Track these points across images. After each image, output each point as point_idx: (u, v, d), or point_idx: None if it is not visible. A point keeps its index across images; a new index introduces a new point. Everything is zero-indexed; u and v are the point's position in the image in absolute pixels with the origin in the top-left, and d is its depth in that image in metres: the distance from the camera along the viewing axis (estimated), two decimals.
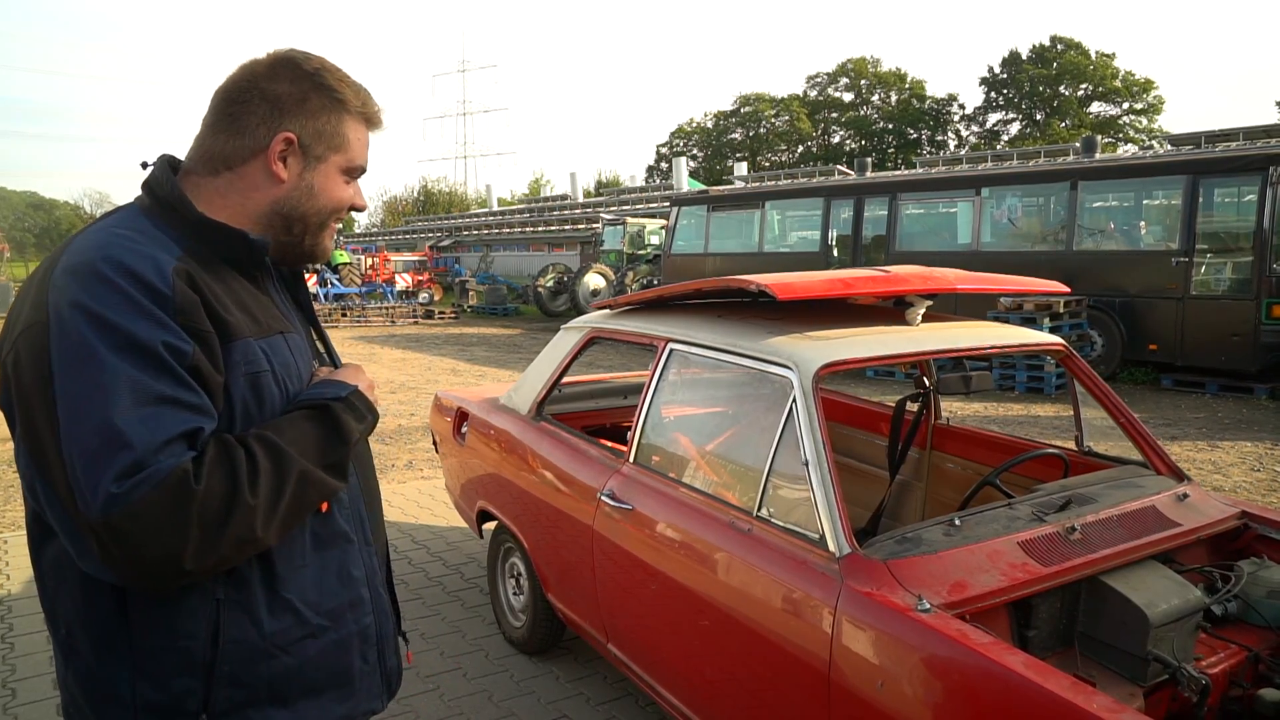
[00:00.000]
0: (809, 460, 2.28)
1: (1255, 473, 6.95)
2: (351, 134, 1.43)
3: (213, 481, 1.15)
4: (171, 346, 1.17)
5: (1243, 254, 10.42)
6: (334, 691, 1.40)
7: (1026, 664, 1.75)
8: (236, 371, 1.26)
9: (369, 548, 1.48)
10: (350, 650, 1.42)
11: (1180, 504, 2.61)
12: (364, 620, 1.45)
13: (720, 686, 2.48)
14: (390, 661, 1.54)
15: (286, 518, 1.24)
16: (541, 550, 3.47)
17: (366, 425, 1.41)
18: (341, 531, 1.42)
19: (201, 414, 1.19)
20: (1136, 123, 50.76)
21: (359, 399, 1.40)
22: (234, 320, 1.27)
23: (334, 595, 1.39)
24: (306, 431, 1.30)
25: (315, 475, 1.28)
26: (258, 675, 1.29)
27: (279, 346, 1.36)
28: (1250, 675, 2.33)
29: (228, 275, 1.34)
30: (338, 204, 1.45)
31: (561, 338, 3.69)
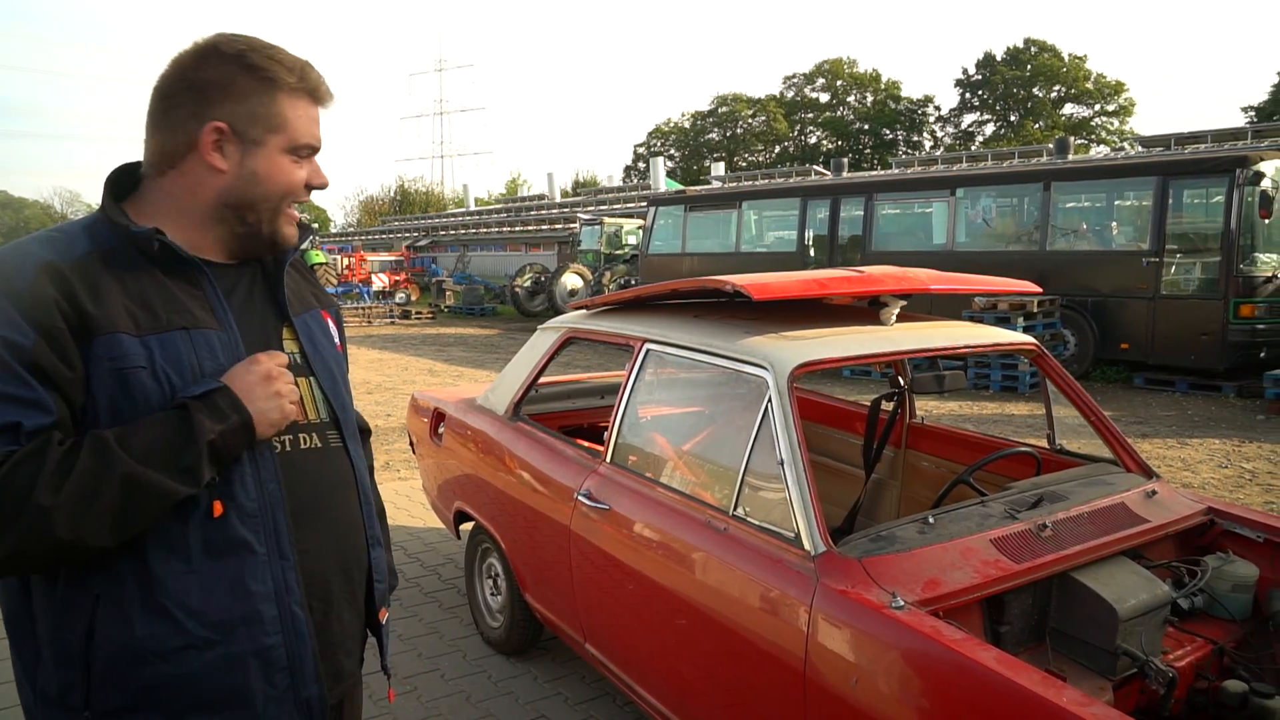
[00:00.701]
0: (784, 459, 2.30)
1: (1223, 469, 7.06)
2: (290, 112, 1.37)
3: (13, 476, 1.15)
4: (9, 342, 1.18)
5: (1211, 254, 10.57)
6: (231, 712, 1.33)
7: (998, 659, 1.77)
8: (99, 366, 1.24)
9: (285, 561, 1.36)
10: (245, 670, 1.33)
11: (1149, 501, 2.65)
12: (264, 640, 1.34)
13: (697, 685, 2.50)
14: (309, 690, 1.40)
15: (113, 520, 1.20)
16: (519, 550, 3.47)
17: (228, 425, 1.27)
18: (240, 540, 1.32)
19: (27, 407, 1.18)
20: (1108, 124, 51.31)
21: (224, 397, 1.29)
22: (103, 315, 1.24)
23: (223, 607, 1.30)
24: (155, 433, 1.24)
25: (147, 478, 1.21)
26: (134, 679, 1.27)
27: (173, 342, 1.29)
28: (1215, 668, 2.38)
29: (143, 271, 1.31)
30: (289, 187, 1.40)
31: (538, 338, 3.69)
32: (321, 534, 1.44)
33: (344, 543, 1.50)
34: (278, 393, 1.34)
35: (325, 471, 1.48)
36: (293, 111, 1.38)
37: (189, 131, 1.33)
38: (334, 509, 1.48)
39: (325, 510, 1.45)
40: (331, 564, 1.46)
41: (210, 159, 1.34)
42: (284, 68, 1.37)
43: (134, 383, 1.26)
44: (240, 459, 1.33)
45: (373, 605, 1.58)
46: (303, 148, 1.40)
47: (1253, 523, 2.65)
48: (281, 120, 1.37)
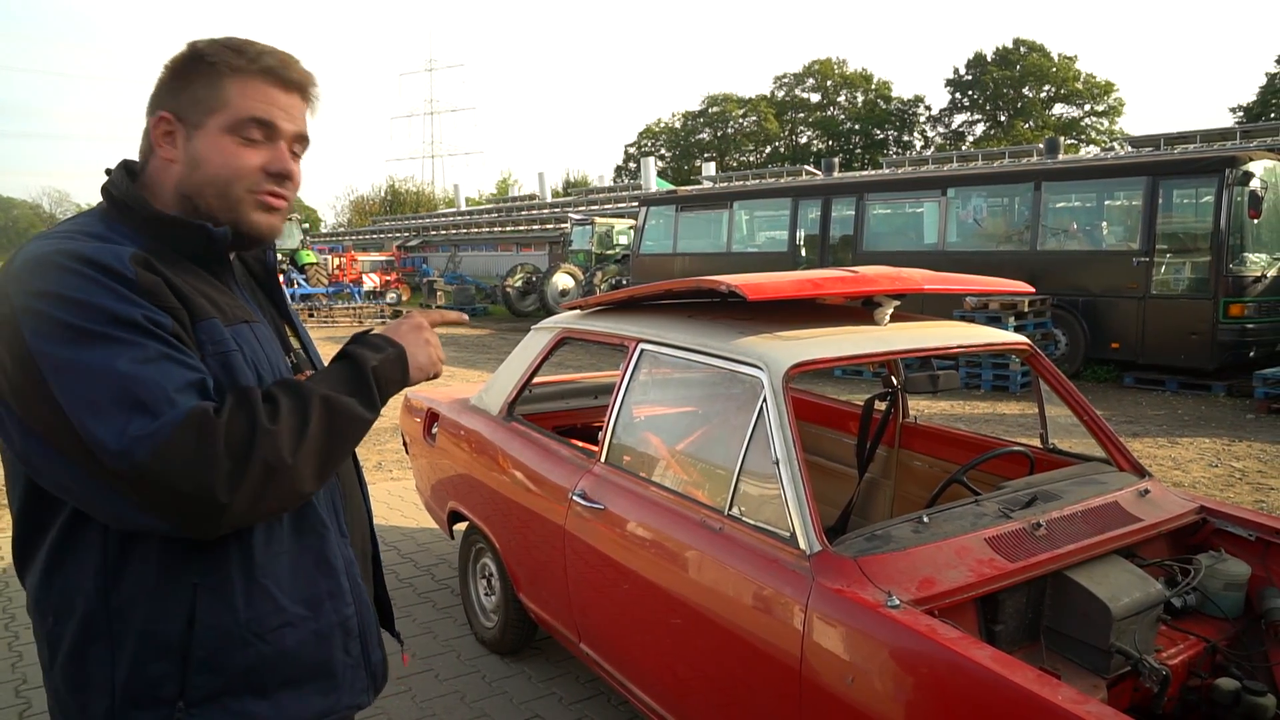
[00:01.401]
0: (779, 459, 2.31)
1: (1213, 468, 7.10)
2: (234, 91, 1.33)
3: (235, 414, 1.17)
4: (152, 319, 1.18)
5: (1201, 254, 10.62)
6: (316, 684, 1.38)
7: (994, 658, 1.78)
8: (204, 350, 1.25)
9: (344, 539, 1.46)
10: (332, 642, 1.40)
11: (1141, 499, 2.67)
12: (345, 611, 1.42)
13: (692, 684, 2.50)
14: (375, 655, 1.51)
15: (320, 444, 1.24)
16: (513, 550, 3.47)
17: (386, 355, 1.36)
18: (319, 519, 1.40)
19: (202, 371, 1.20)
20: (1098, 124, 51.55)
21: (378, 336, 1.40)
22: (199, 302, 1.27)
23: (312, 583, 1.37)
24: (327, 372, 1.33)
25: (340, 401, 1.27)
26: (234, 662, 1.28)
27: (245, 334, 1.34)
28: (1208, 665, 2.39)
29: (188, 269, 1.33)
30: (235, 170, 1.34)
31: (532, 338, 3.69)
32: (354, 516, 1.55)
33: (362, 523, 1.60)
34: (427, 340, 1.44)
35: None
36: (238, 91, 1.33)
37: (148, 126, 1.35)
38: (354, 492, 1.58)
39: (351, 493, 1.56)
40: (359, 541, 1.57)
41: (161, 149, 1.34)
42: (233, 51, 1.33)
43: (236, 366, 1.28)
44: None
45: (381, 578, 1.70)
46: (246, 123, 1.33)
47: (1245, 521, 2.66)
48: (222, 100, 1.32)
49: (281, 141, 1.37)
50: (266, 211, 1.38)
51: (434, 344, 1.45)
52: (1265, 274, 10.52)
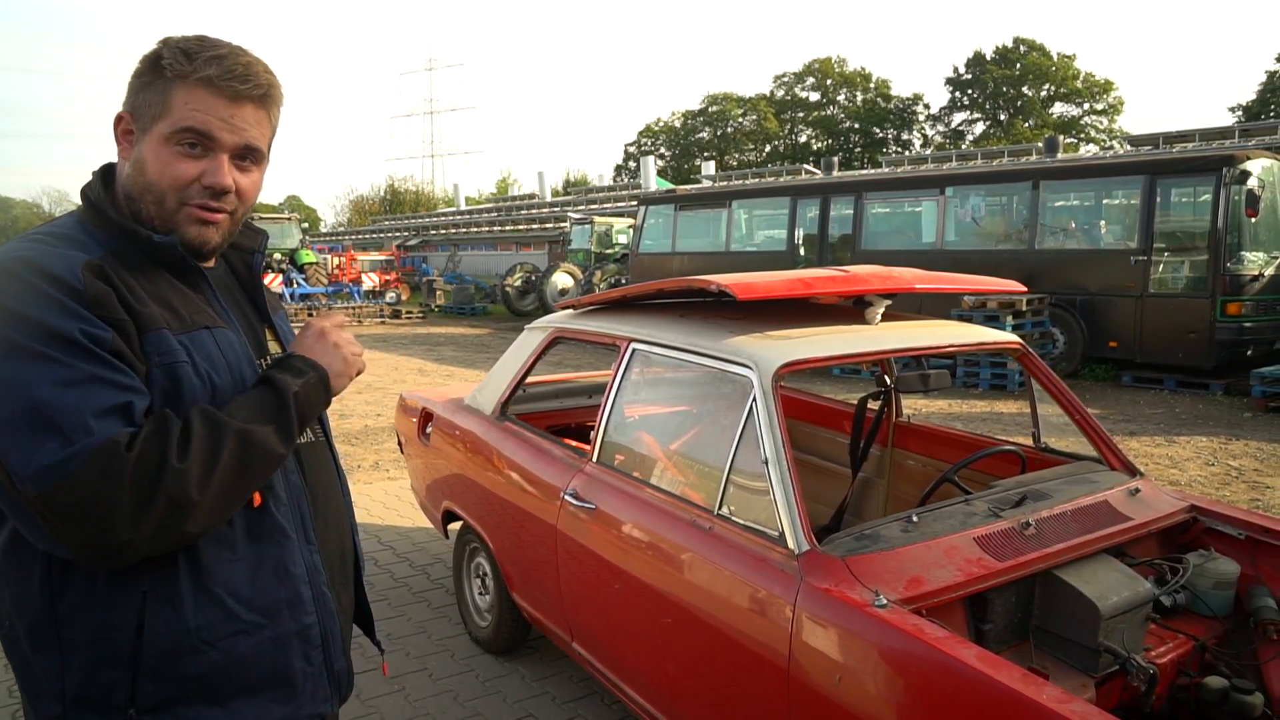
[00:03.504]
0: (768, 458, 2.31)
1: (1210, 467, 7.10)
2: (177, 99, 1.31)
3: (145, 449, 1.16)
4: (90, 334, 1.19)
5: (1199, 253, 10.63)
6: (274, 692, 1.38)
7: (979, 657, 1.78)
8: (151, 361, 1.26)
9: (310, 546, 1.44)
10: (289, 650, 1.39)
11: (1132, 498, 2.67)
12: (304, 619, 1.41)
13: (683, 683, 2.50)
14: (339, 664, 1.50)
15: (231, 481, 1.24)
16: (506, 550, 3.47)
17: (307, 380, 1.36)
18: (279, 527, 1.39)
19: (131, 391, 1.20)
20: (1097, 123, 51.56)
21: (297, 359, 1.39)
22: (147, 312, 1.27)
23: (269, 591, 1.36)
24: (248, 399, 1.31)
25: (257, 434, 1.27)
26: (185, 670, 1.28)
27: (202, 340, 1.33)
28: (1197, 664, 2.40)
29: (153, 272, 1.33)
30: (170, 179, 1.32)
31: (525, 338, 3.69)
32: (327, 521, 1.53)
33: (339, 529, 1.59)
34: (335, 344, 1.44)
35: (322, 463, 1.56)
36: (180, 98, 1.31)
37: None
38: (332, 498, 1.57)
39: (327, 499, 1.54)
40: (334, 549, 1.55)
41: (120, 148, 1.36)
42: (184, 55, 1.31)
43: (183, 377, 1.28)
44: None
45: (361, 586, 1.68)
46: (183, 133, 1.31)
47: (1235, 520, 2.67)
48: (166, 107, 1.31)
49: (222, 154, 1.35)
50: (199, 225, 1.36)
51: (343, 343, 1.45)
52: (1263, 273, 10.53)
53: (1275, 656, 2.42)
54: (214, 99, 1.32)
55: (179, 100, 1.31)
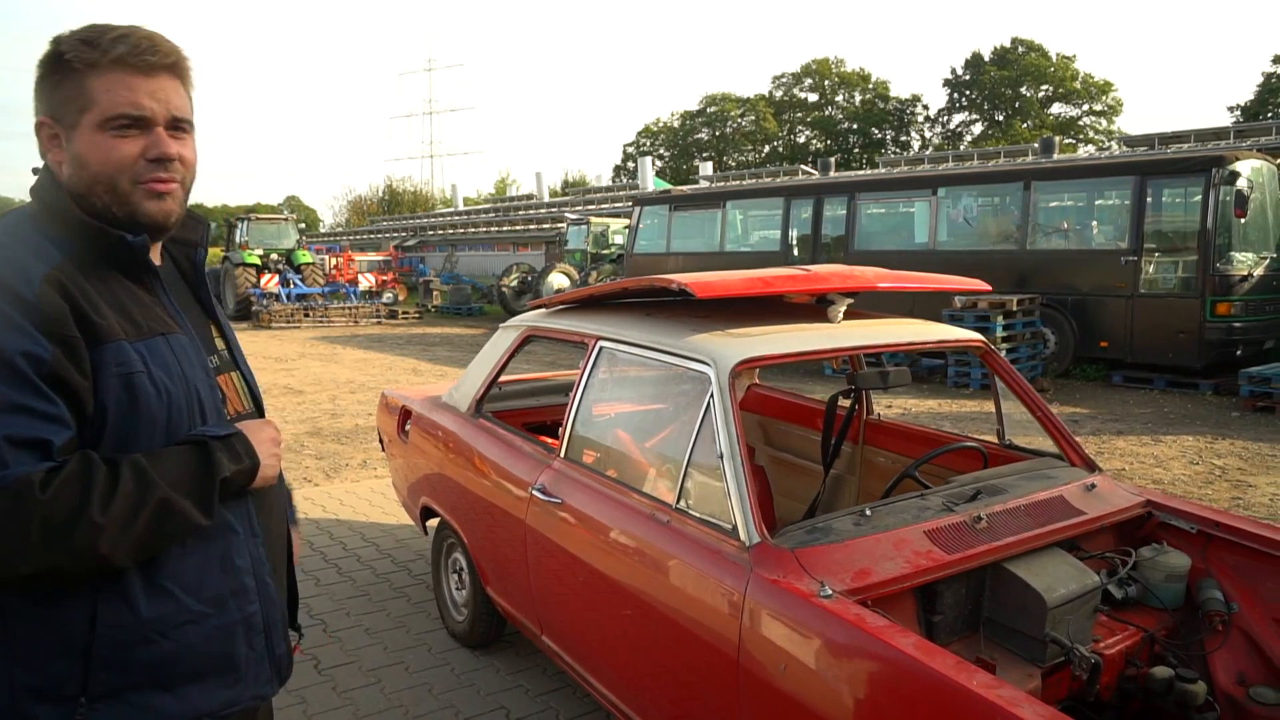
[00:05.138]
0: (723, 453, 2.35)
1: (1194, 466, 7.14)
2: (97, 87, 1.34)
3: (62, 493, 1.20)
4: (30, 355, 1.21)
5: (1188, 253, 10.66)
6: (220, 677, 1.44)
7: (917, 646, 1.82)
8: (107, 372, 1.29)
9: (255, 539, 1.51)
10: (235, 637, 1.46)
11: (1087, 493, 2.71)
12: (248, 608, 1.48)
13: (644, 674, 2.55)
14: (279, 648, 1.57)
15: (142, 541, 1.28)
16: (480, 545, 3.52)
17: (242, 467, 1.42)
18: (226, 523, 1.44)
19: (53, 423, 1.23)
20: (1096, 124, 51.60)
21: (240, 442, 1.43)
22: (106, 324, 1.30)
23: (216, 583, 1.43)
24: (180, 463, 1.34)
25: (178, 504, 1.31)
26: (137, 659, 1.33)
27: (158, 348, 1.37)
28: (1146, 655, 2.44)
29: (110, 277, 1.37)
30: (116, 163, 1.36)
31: (499, 336, 3.74)
32: (271, 511, 1.60)
33: (278, 518, 1.66)
34: (276, 455, 1.51)
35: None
36: (100, 86, 1.34)
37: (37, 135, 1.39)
38: (272, 490, 1.62)
39: (269, 492, 1.59)
40: (276, 536, 1.62)
41: (51, 154, 1.38)
42: (88, 46, 1.34)
43: (139, 387, 1.33)
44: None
45: (291, 570, 1.76)
46: (118, 119, 1.35)
47: (1187, 514, 2.71)
48: (88, 98, 1.34)
49: (157, 127, 1.38)
50: (157, 199, 1.40)
51: (280, 457, 1.53)
52: (1252, 273, 10.57)
53: (1220, 647, 2.47)
54: (131, 77, 1.36)
55: (98, 88, 1.34)
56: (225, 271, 23.05)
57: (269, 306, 20.64)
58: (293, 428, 8.65)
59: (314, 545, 5.16)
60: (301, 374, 12.54)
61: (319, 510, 5.87)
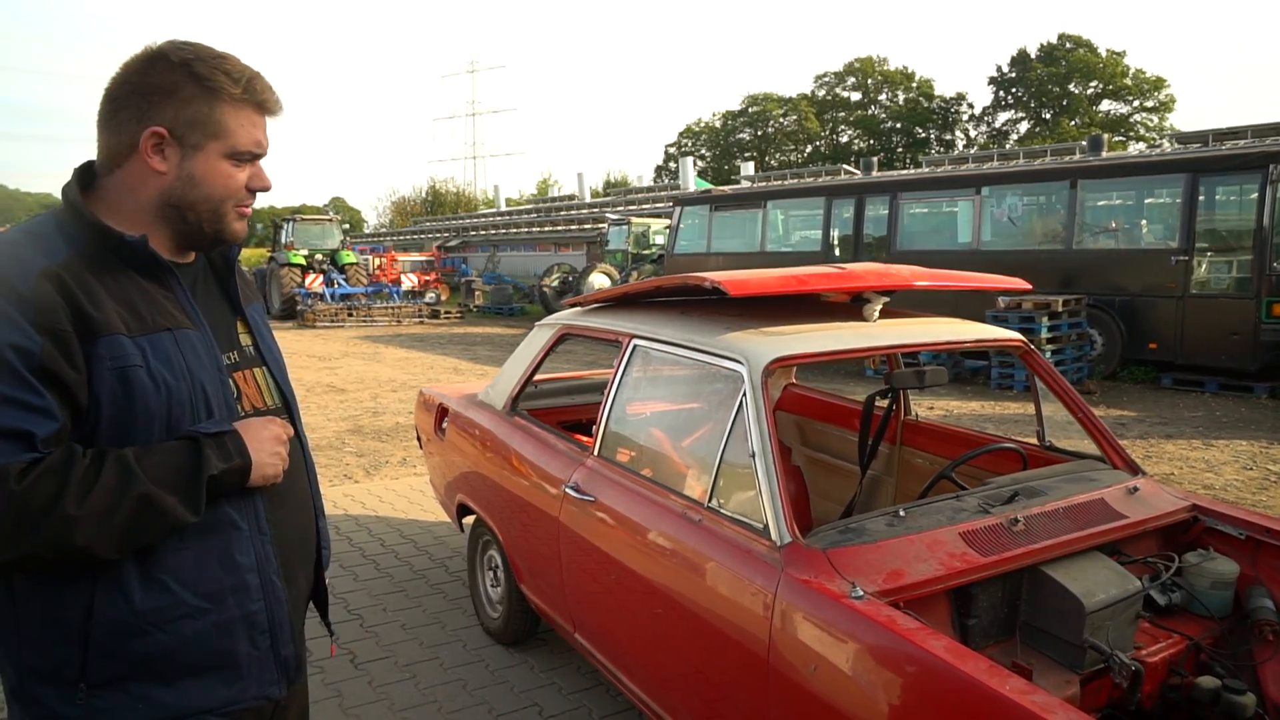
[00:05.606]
0: (755, 451, 2.33)
1: (1247, 471, 6.96)
2: (231, 120, 1.44)
3: (40, 485, 1.22)
4: (18, 348, 1.24)
5: (1243, 252, 10.40)
6: (219, 674, 1.44)
7: (948, 649, 1.79)
8: (101, 365, 1.31)
9: (262, 536, 1.50)
10: (234, 634, 1.45)
11: (1130, 497, 2.65)
12: (250, 606, 1.47)
13: (675, 674, 2.54)
14: (286, 649, 1.55)
15: (124, 534, 1.29)
16: (514, 542, 3.53)
17: (233, 466, 1.40)
18: (227, 519, 1.44)
19: (39, 415, 1.25)
20: (1148, 121, 50.55)
21: (233, 440, 1.42)
22: (103, 318, 1.32)
23: (215, 579, 1.43)
24: (167, 458, 1.34)
25: (161, 500, 1.31)
26: (133, 650, 1.36)
27: (161, 343, 1.38)
28: (1191, 664, 2.38)
29: (121, 273, 1.39)
30: (227, 190, 1.47)
31: (535, 334, 3.75)
32: (287, 510, 1.59)
33: (301, 517, 1.65)
34: (279, 454, 1.49)
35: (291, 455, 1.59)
36: (234, 120, 1.44)
37: (132, 134, 1.40)
38: (294, 487, 1.61)
39: (289, 489, 1.59)
40: (294, 536, 1.61)
41: (150, 161, 1.41)
42: (229, 78, 1.43)
43: (134, 381, 1.34)
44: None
45: (320, 570, 1.74)
46: (244, 154, 1.47)
47: (1236, 519, 2.64)
48: (222, 128, 1.43)
49: (260, 161, 1.51)
50: (240, 220, 1.52)
51: (284, 456, 1.50)
52: None
53: (1271, 658, 2.39)
54: (258, 116, 1.49)
55: (233, 122, 1.45)
56: (271, 271, 23.41)
57: (313, 306, 20.91)
58: (334, 425, 8.76)
59: (352, 541, 5.22)
60: (344, 372, 12.69)
61: (359, 507, 5.94)
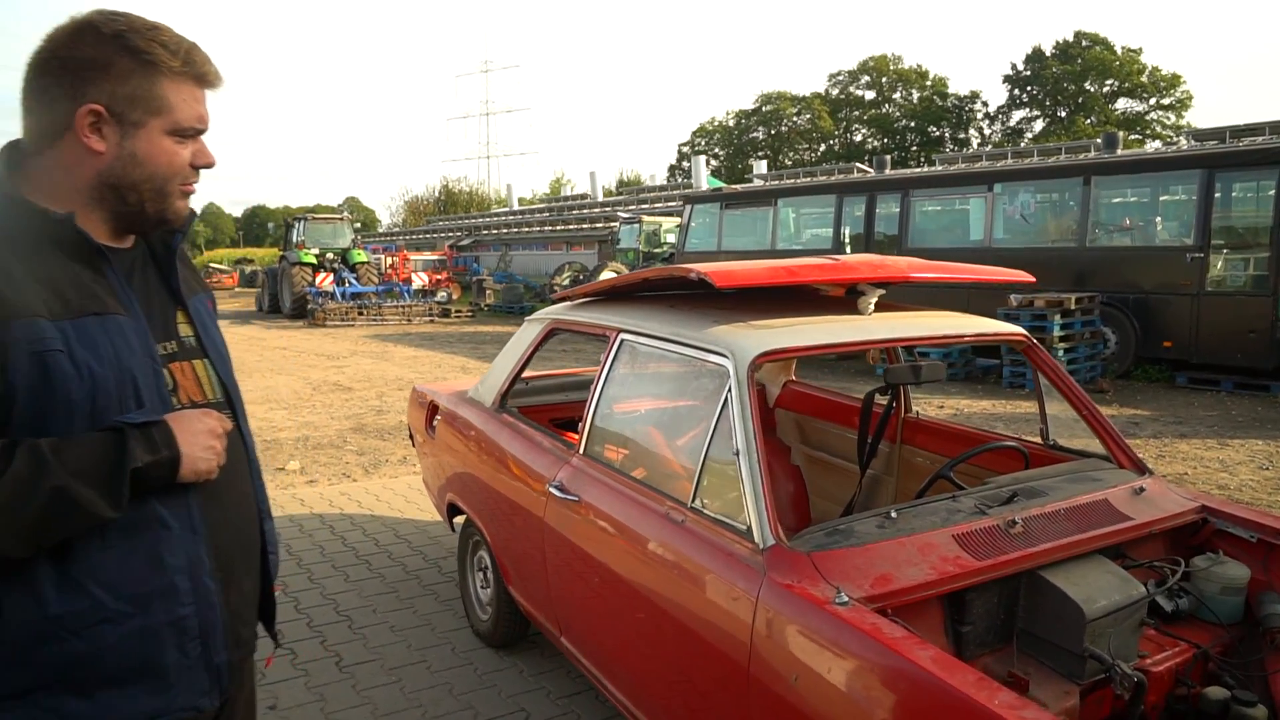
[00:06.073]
0: (740, 450, 2.23)
1: (1263, 471, 6.80)
2: (173, 95, 1.36)
3: None
4: None
5: (1259, 249, 10.21)
6: (144, 683, 1.34)
7: (935, 660, 1.69)
8: (17, 350, 1.22)
9: (195, 536, 1.40)
10: (161, 641, 1.35)
11: (1135, 497, 2.53)
12: (179, 610, 1.37)
13: (658, 680, 2.44)
14: (220, 657, 1.45)
15: (34, 529, 1.20)
16: (502, 542, 3.44)
17: (159, 458, 1.31)
18: (156, 516, 1.35)
19: None
20: (1164, 118, 50.10)
21: (161, 432, 1.32)
22: (19, 299, 1.24)
23: (140, 580, 1.33)
24: (87, 449, 1.25)
25: (77, 494, 1.22)
26: (45, 658, 1.25)
27: (87, 328, 1.30)
28: (1198, 674, 2.26)
29: (47, 254, 1.30)
30: (171, 169, 1.39)
31: (525, 330, 3.65)
32: (225, 509, 1.49)
33: (241, 516, 1.55)
34: (213, 448, 1.39)
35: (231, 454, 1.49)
36: (176, 95, 1.37)
37: (65, 111, 1.31)
38: (234, 485, 1.52)
39: (227, 487, 1.49)
40: (233, 537, 1.51)
41: (87, 140, 1.33)
42: (166, 50, 1.35)
43: (53, 367, 1.25)
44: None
45: (268, 576, 1.64)
46: (187, 130, 1.40)
47: (1247, 521, 2.51)
48: (164, 103, 1.36)
49: (202, 137, 1.44)
50: (185, 198, 1.45)
51: (219, 451, 1.40)
52: None
53: None
54: (199, 90, 1.42)
55: (175, 97, 1.37)
56: (282, 270, 23.44)
57: (324, 305, 20.90)
58: (338, 424, 8.70)
59: (346, 541, 5.14)
60: (352, 371, 12.65)
61: (355, 506, 5.86)
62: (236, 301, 31.56)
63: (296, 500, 5.97)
